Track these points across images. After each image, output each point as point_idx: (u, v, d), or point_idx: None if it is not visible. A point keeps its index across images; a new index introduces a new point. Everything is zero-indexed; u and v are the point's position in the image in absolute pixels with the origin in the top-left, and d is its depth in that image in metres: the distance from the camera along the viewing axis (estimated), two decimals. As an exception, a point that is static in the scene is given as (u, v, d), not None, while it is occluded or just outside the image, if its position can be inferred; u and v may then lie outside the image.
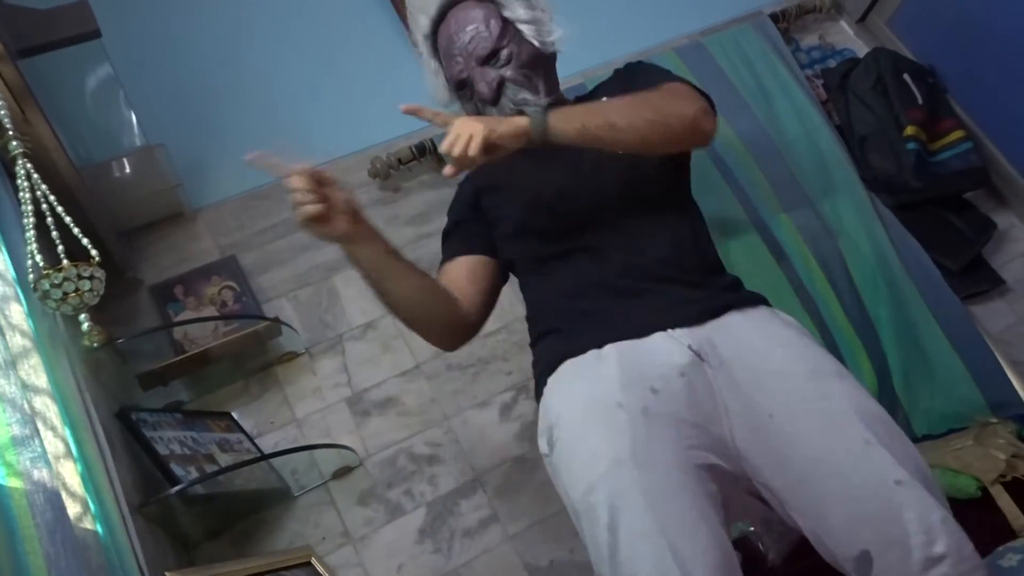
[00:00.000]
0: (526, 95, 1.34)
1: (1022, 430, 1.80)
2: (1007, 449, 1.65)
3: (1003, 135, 2.25)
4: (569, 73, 2.22)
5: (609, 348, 1.19)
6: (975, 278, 2.16)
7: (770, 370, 1.15)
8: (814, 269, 2.02)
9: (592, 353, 1.20)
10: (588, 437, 1.11)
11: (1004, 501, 1.59)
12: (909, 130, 2.15)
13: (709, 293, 1.26)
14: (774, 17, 2.34)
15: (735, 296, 1.28)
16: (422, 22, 1.41)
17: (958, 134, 2.24)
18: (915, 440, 1.87)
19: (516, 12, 1.37)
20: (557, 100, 1.39)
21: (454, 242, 1.45)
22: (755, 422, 1.12)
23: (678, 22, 2.38)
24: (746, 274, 1.97)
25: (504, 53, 1.34)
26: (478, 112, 1.37)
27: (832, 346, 1.94)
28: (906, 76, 2.22)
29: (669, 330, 1.19)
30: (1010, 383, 1.95)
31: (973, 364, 1.94)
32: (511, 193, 1.38)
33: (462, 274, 1.39)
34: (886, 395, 1.92)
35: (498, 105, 1.34)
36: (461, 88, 1.38)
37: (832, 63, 2.40)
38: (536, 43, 1.38)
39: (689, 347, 1.17)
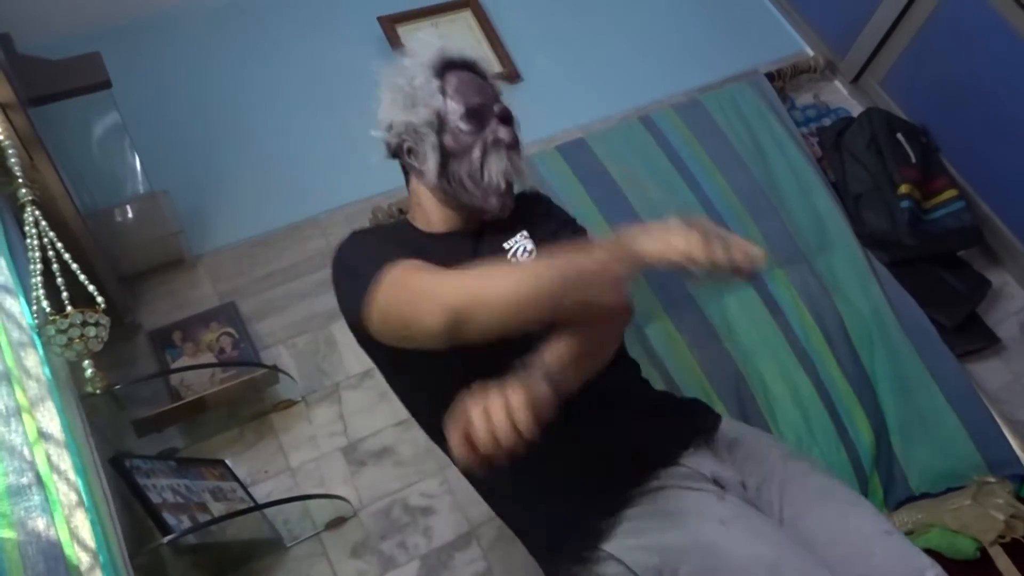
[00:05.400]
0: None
1: (1020, 490, 1.79)
2: (1006, 509, 1.65)
3: (995, 194, 2.29)
4: (568, 127, 2.28)
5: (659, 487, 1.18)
6: (970, 336, 2.17)
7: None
8: (810, 325, 2.03)
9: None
10: (729, 555, 1.07)
11: (1003, 563, 1.59)
12: (903, 188, 2.19)
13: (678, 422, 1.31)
14: (770, 76, 2.40)
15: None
16: (439, 47, 1.28)
17: (951, 192, 2.28)
18: (913, 498, 1.86)
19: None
20: None
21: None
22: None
23: (676, 80, 2.44)
24: (743, 329, 2.00)
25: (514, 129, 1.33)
26: (463, 148, 1.26)
27: (828, 403, 1.94)
28: (899, 135, 2.27)
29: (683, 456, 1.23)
30: (1007, 442, 1.95)
31: (970, 422, 1.94)
32: None
33: None
34: (883, 452, 1.92)
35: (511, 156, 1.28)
36: (473, 117, 1.26)
37: (827, 122, 2.45)
38: None
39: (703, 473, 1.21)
